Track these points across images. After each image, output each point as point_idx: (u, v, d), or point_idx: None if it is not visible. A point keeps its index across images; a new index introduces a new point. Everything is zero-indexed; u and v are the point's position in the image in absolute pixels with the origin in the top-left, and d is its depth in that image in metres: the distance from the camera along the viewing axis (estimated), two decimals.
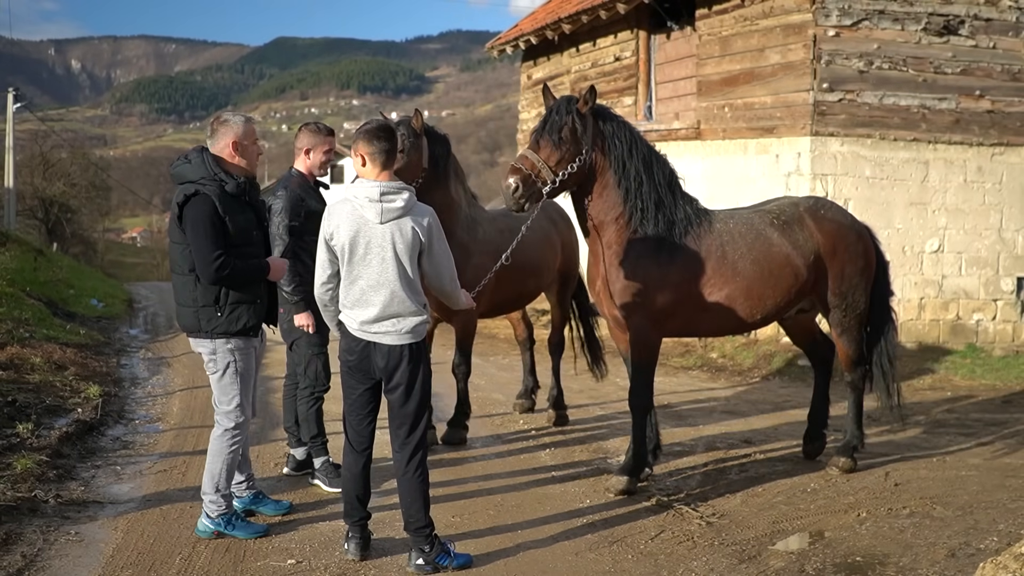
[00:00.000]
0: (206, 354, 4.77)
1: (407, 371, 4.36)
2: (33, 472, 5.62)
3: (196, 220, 4.54)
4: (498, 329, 13.39)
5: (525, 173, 5.29)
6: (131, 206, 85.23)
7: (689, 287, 5.60)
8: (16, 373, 8.07)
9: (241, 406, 4.79)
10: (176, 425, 7.45)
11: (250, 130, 4.84)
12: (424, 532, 4.42)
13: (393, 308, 4.31)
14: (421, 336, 4.40)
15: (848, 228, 6.18)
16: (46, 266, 18.10)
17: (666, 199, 5.60)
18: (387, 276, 4.28)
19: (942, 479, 6.08)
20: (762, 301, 5.80)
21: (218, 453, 4.80)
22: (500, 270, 6.89)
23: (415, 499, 4.41)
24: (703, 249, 5.64)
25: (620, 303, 5.59)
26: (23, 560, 4.44)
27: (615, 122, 5.56)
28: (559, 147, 5.33)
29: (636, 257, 5.52)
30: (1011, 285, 11.73)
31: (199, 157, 4.72)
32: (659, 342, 5.77)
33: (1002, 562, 3.73)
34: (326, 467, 5.71)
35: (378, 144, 4.36)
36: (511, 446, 6.95)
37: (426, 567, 4.41)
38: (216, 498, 4.82)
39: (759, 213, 6.06)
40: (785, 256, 5.84)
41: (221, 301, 4.65)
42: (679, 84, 13.56)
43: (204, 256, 4.53)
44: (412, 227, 4.27)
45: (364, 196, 4.30)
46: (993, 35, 11.47)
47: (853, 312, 6.15)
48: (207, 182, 4.63)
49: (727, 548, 4.81)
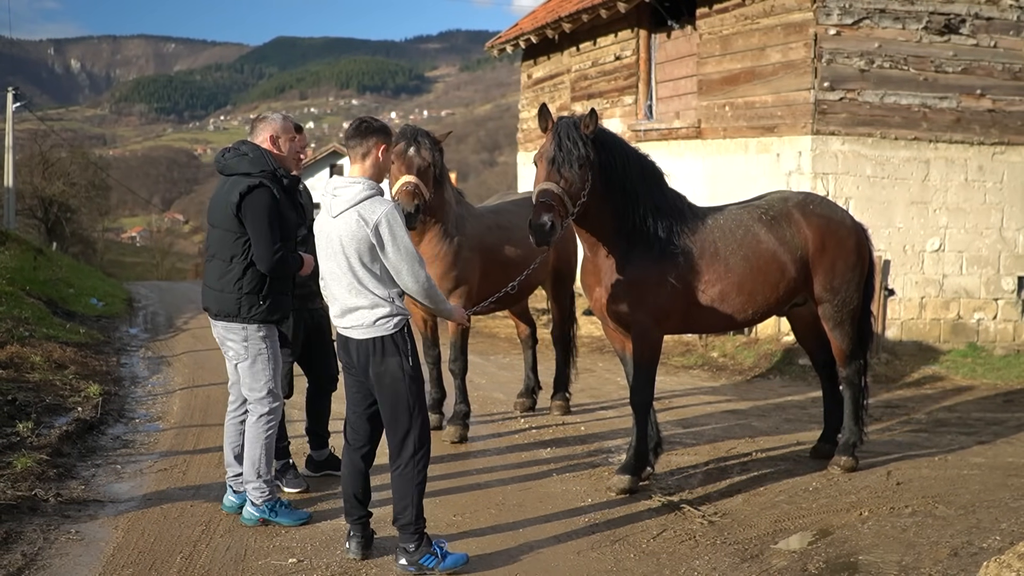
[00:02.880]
0: (236, 341, 4.88)
1: (378, 365, 4.32)
2: (33, 471, 5.61)
3: (259, 211, 4.72)
4: (499, 328, 13.37)
5: (554, 207, 5.18)
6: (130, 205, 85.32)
7: (686, 284, 5.64)
8: (16, 372, 8.05)
9: (272, 392, 4.92)
10: (176, 424, 7.44)
11: (287, 126, 5.06)
12: (408, 529, 4.36)
13: (352, 301, 4.32)
14: (389, 330, 4.32)
15: (838, 223, 6.16)
16: (46, 265, 18.07)
17: (660, 203, 5.64)
18: (342, 269, 4.30)
19: (944, 478, 6.07)
20: (753, 297, 5.82)
21: (255, 439, 4.92)
22: (490, 266, 6.97)
23: (402, 494, 4.36)
24: (697, 246, 5.69)
25: (622, 302, 5.61)
26: (23, 559, 4.43)
27: (608, 138, 5.53)
28: (575, 178, 5.27)
29: (636, 257, 5.56)
30: (1012, 284, 11.72)
31: (257, 151, 4.89)
32: (661, 339, 5.80)
33: (1006, 561, 3.72)
34: (285, 468, 5.66)
35: (349, 142, 4.44)
36: (512, 444, 6.94)
37: (409, 568, 4.35)
38: (259, 484, 4.93)
39: (747, 209, 6.07)
40: (772, 252, 5.86)
41: (264, 291, 4.83)
42: (680, 83, 13.55)
43: (266, 246, 4.72)
44: (356, 220, 4.22)
45: (326, 191, 4.39)
46: (994, 34, 11.46)
47: (846, 307, 6.13)
48: (267, 175, 4.80)
49: (729, 547, 4.80)
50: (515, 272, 7.27)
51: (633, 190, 5.52)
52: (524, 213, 7.63)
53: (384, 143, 4.40)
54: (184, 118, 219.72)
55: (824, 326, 6.24)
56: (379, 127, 4.43)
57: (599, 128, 5.45)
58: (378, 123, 4.47)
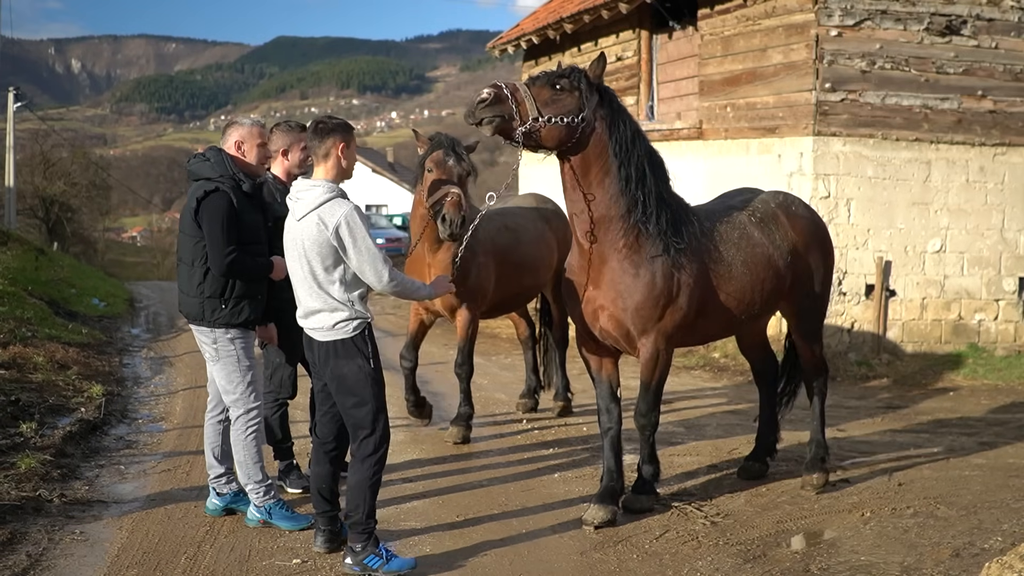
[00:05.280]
0: (207, 343, 4.95)
1: (338, 367, 4.35)
2: (37, 471, 5.62)
3: (213, 215, 4.77)
4: (500, 329, 13.39)
5: (505, 94, 4.60)
6: (131, 205, 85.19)
7: (695, 292, 5.14)
8: (19, 372, 8.07)
9: (247, 392, 4.93)
10: (179, 424, 7.45)
11: (254, 132, 5.07)
12: (357, 528, 4.38)
13: (312, 304, 4.36)
14: (348, 333, 4.34)
15: (818, 225, 6.01)
16: (47, 265, 18.09)
17: (667, 196, 5.12)
18: (304, 272, 4.34)
19: (945, 479, 6.07)
20: (751, 306, 5.49)
21: (237, 442, 4.96)
22: (503, 268, 6.97)
23: (356, 493, 4.37)
24: (703, 250, 5.24)
25: (636, 316, 4.98)
26: (28, 559, 4.45)
27: (621, 107, 5.01)
28: (555, 93, 4.72)
29: (649, 260, 4.97)
30: (1013, 285, 11.72)
31: (218, 156, 4.95)
32: (672, 354, 5.31)
33: (1008, 562, 3.73)
34: (288, 469, 5.70)
35: (310, 144, 4.46)
36: (515, 445, 6.96)
37: (354, 567, 4.38)
38: (254, 486, 4.96)
39: (738, 210, 5.68)
40: (768, 256, 5.54)
41: (227, 294, 4.87)
42: (681, 84, 13.56)
43: (218, 249, 4.76)
44: (317, 224, 4.24)
45: (291, 195, 4.43)
46: (995, 35, 11.47)
47: (823, 312, 6.03)
48: (225, 180, 4.85)
49: (732, 548, 4.82)
50: (527, 274, 7.31)
51: (641, 168, 4.94)
52: (529, 214, 7.67)
53: (343, 141, 4.38)
54: (185, 118, 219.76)
55: (795, 334, 5.99)
56: (336, 125, 4.41)
57: (609, 90, 4.97)
58: (336, 121, 4.45)
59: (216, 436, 5.14)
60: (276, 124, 5.62)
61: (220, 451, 5.13)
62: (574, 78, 4.77)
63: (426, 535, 4.95)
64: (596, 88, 4.86)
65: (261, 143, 5.06)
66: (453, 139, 6.44)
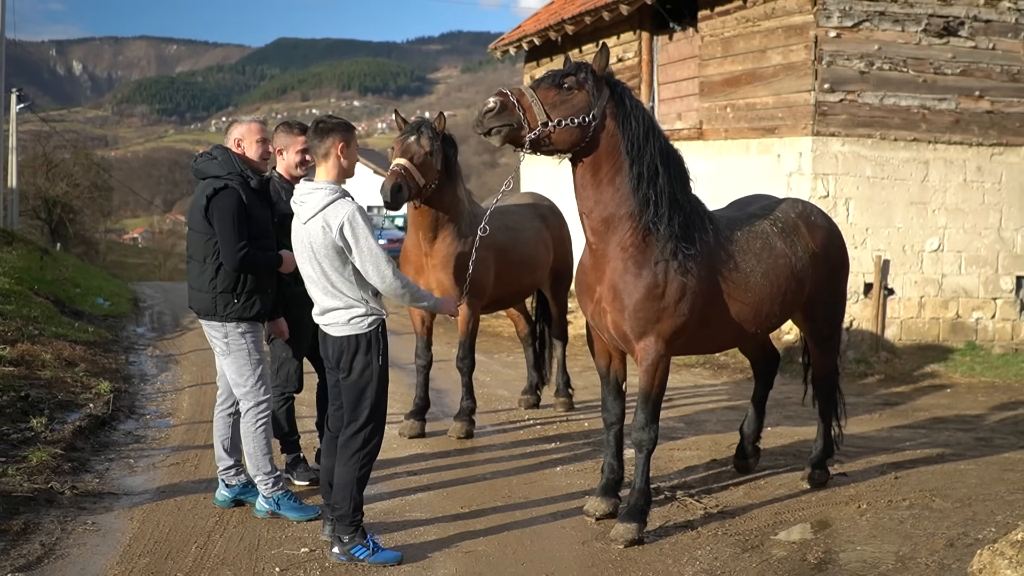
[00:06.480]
0: (218, 337, 5.04)
1: (349, 361, 4.43)
2: (48, 464, 5.73)
3: (224, 211, 4.86)
4: (502, 327, 13.48)
5: (511, 102, 4.51)
6: (132, 207, 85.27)
7: (699, 299, 4.91)
8: (28, 369, 8.17)
9: (257, 385, 5.03)
10: (187, 420, 7.55)
11: (252, 128, 5.19)
12: (344, 520, 4.45)
13: (328, 303, 4.44)
14: (363, 328, 4.41)
15: (836, 234, 5.95)
16: (52, 265, 18.18)
17: (681, 198, 4.88)
18: (316, 273, 4.41)
19: (941, 472, 6.16)
20: (769, 317, 5.33)
21: (247, 434, 5.07)
22: (502, 266, 7.08)
23: (343, 485, 4.44)
24: (716, 258, 5.02)
25: (634, 318, 4.82)
26: (42, 548, 4.55)
27: (634, 100, 4.84)
28: (562, 93, 4.60)
29: (653, 263, 4.79)
30: (1010, 284, 11.82)
31: (225, 154, 5.05)
32: (670, 363, 5.13)
33: (999, 549, 3.83)
34: (295, 462, 5.80)
35: (310, 145, 4.50)
36: (517, 440, 7.05)
37: (341, 557, 4.47)
38: (263, 477, 5.07)
39: (759, 219, 5.53)
40: (791, 268, 5.39)
41: (239, 289, 4.96)
42: (681, 85, 13.66)
43: (230, 245, 4.85)
44: (322, 226, 4.30)
45: (295, 199, 4.49)
46: (993, 36, 11.57)
47: (839, 321, 6.06)
48: (233, 177, 4.94)
49: (730, 538, 4.91)
50: (525, 272, 7.43)
51: (653, 166, 4.75)
52: (529, 213, 7.79)
53: (343, 140, 4.40)
54: (186, 119, 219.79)
55: (810, 342, 5.99)
56: (335, 125, 4.43)
57: (620, 82, 4.84)
58: (335, 120, 4.48)
59: (226, 429, 5.25)
60: (279, 124, 5.71)
61: (229, 443, 5.24)
62: (580, 75, 4.65)
63: (431, 525, 5.05)
64: (605, 82, 4.74)
65: (260, 139, 5.16)
66: (423, 122, 6.60)
